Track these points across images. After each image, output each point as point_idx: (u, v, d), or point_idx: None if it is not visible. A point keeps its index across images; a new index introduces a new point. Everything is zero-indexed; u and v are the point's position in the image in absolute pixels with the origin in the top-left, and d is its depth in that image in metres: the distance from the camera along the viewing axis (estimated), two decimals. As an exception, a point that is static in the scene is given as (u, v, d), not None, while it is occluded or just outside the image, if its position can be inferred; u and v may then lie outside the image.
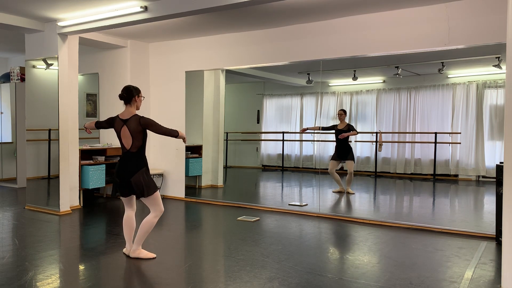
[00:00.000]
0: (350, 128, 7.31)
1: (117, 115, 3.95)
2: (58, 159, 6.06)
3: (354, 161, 7.40)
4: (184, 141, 4.10)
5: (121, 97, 3.92)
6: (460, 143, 8.55)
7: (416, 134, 9.01)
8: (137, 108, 3.98)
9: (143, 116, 3.88)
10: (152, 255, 4.04)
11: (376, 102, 9.16)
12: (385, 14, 5.40)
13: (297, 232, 5.15)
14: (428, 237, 4.80)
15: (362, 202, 7.11)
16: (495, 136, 8.23)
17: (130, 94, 3.91)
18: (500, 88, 8.13)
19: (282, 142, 9.89)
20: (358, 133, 7.44)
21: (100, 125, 4.11)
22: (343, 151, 7.33)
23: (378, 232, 5.07)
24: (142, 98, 4.03)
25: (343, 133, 7.22)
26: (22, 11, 5.49)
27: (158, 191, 3.96)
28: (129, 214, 4.08)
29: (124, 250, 4.14)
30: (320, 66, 6.21)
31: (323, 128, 7.69)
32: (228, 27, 6.27)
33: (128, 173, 3.84)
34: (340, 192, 7.42)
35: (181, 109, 7.22)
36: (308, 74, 7.81)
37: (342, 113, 7.36)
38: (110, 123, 4.00)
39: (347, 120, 7.51)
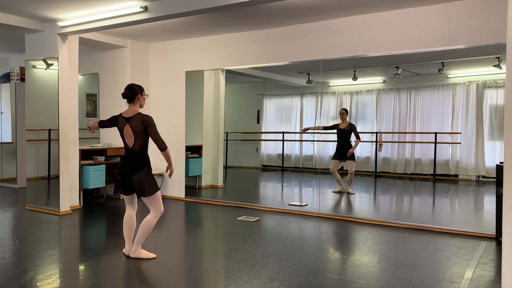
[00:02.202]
0: (352, 128, 7.30)
1: (120, 114, 3.95)
2: (58, 159, 6.06)
3: (355, 161, 7.40)
4: (169, 171, 4.02)
5: (124, 95, 3.91)
6: (460, 143, 8.55)
7: (416, 134, 9.01)
8: (141, 107, 3.98)
9: (146, 115, 3.88)
10: (152, 255, 4.04)
11: (376, 102, 9.17)
12: (385, 14, 5.40)
13: (297, 232, 5.15)
14: (428, 237, 4.80)
15: (362, 202, 7.11)
16: (495, 136, 8.23)
17: (133, 93, 3.90)
18: (500, 88, 8.13)
19: (282, 142, 9.89)
20: (360, 141, 7.45)
21: (103, 124, 4.11)
22: (345, 150, 7.33)
23: (378, 232, 5.07)
24: (146, 96, 4.03)
25: (349, 151, 7.22)
26: (22, 11, 5.49)
27: (159, 191, 3.96)
28: (130, 214, 4.08)
29: (124, 250, 4.14)
30: (320, 66, 6.21)
31: (325, 128, 7.67)
32: (228, 27, 6.27)
33: (130, 172, 3.84)
34: (340, 192, 7.42)
35: (181, 109, 7.22)
36: (308, 74, 7.81)
37: (343, 112, 7.34)
38: (113, 121, 4.01)
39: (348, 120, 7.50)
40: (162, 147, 3.86)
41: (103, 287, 3.36)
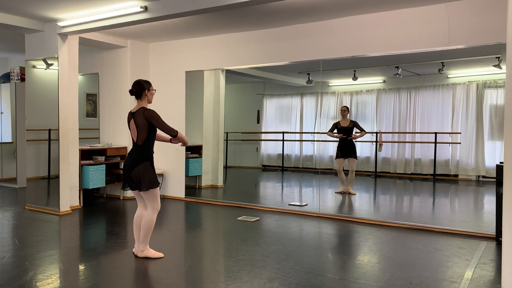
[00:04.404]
0: (355, 125, 7.25)
1: (130, 110, 3.99)
2: (58, 159, 6.06)
3: (356, 158, 7.33)
4: (184, 144, 4.06)
5: (131, 92, 3.93)
6: (460, 143, 8.54)
7: (416, 134, 9.01)
8: (149, 102, 3.99)
9: (148, 109, 3.87)
10: (160, 254, 4.03)
11: (376, 102, 9.16)
12: (385, 14, 5.40)
13: (297, 232, 5.15)
14: (428, 237, 4.80)
15: (362, 202, 7.11)
16: (495, 136, 8.23)
17: (141, 89, 3.92)
18: (500, 88, 8.13)
19: (282, 142, 9.89)
20: (366, 132, 7.35)
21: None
22: (348, 148, 7.27)
23: (378, 232, 5.07)
24: (154, 91, 4.03)
25: (353, 136, 7.12)
26: (22, 11, 5.49)
27: (158, 188, 3.94)
28: (140, 213, 4.06)
29: (133, 249, 4.14)
30: (320, 66, 6.21)
31: (330, 133, 7.43)
32: (228, 27, 6.27)
33: (130, 165, 3.87)
34: (343, 193, 7.38)
35: (181, 109, 7.22)
36: (308, 74, 7.80)
37: (345, 110, 7.24)
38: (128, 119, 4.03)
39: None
40: (173, 134, 3.90)
41: (103, 287, 3.36)
